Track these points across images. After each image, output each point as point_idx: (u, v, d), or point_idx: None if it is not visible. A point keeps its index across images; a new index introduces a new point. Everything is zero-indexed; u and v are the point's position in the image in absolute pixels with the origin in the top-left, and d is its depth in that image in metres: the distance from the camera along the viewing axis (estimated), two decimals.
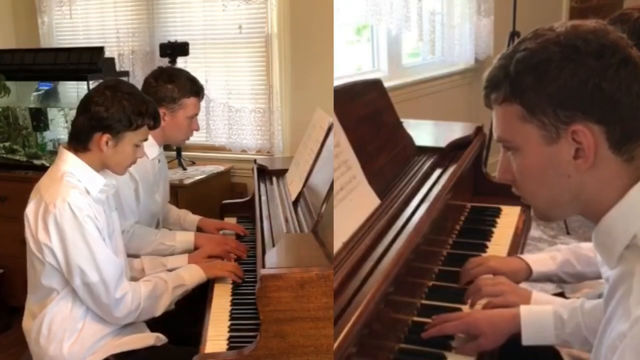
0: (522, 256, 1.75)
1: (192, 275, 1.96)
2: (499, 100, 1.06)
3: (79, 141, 1.80)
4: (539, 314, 1.40)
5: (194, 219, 2.51)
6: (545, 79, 0.99)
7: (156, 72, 2.36)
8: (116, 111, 1.76)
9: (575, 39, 0.99)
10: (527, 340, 1.39)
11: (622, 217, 1.01)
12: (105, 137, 1.77)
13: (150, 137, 2.23)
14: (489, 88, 1.07)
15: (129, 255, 2.10)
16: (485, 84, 1.08)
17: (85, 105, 1.79)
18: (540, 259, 1.72)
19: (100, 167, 1.83)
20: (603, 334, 1.03)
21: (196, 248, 2.24)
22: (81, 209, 1.70)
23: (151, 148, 2.27)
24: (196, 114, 2.36)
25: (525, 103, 1.02)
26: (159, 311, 1.87)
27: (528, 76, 1.01)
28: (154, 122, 1.87)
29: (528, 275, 1.70)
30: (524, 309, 1.41)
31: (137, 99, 1.81)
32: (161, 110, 2.23)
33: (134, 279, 1.92)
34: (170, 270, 2.02)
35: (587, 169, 1.00)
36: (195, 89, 2.32)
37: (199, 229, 2.45)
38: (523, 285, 1.66)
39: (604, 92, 0.97)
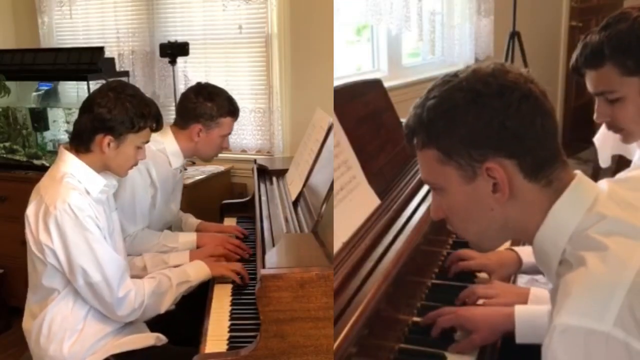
0: (515, 247, 1.75)
1: (197, 271, 1.95)
2: (419, 146, 1.12)
3: (80, 142, 1.80)
4: (534, 312, 1.42)
5: (193, 222, 2.51)
6: (455, 124, 1.05)
7: (196, 88, 2.37)
8: (119, 113, 1.76)
9: (475, 83, 1.06)
10: (520, 338, 1.40)
11: (549, 236, 1.07)
12: (108, 138, 1.77)
13: (177, 148, 2.28)
14: (408, 135, 1.14)
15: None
16: (405, 132, 1.15)
17: (88, 106, 1.79)
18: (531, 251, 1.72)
19: (102, 168, 1.83)
20: None
21: (199, 248, 2.24)
22: (82, 209, 1.70)
23: (176, 158, 2.29)
24: (229, 133, 2.40)
25: (441, 147, 1.08)
26: (163, 308, 1.87)
27: (440, 122, 1.07)
28: (157, 124, 1.87)
29: (518, 266, 1.70)
30: (519, 308, 1.43)
31: (139, 100, 1.81)
32: (197, 126, 2.29)
33: (136, 277, 1.92)
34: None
35: (507, 201, 1.06)
36: (232, 109, 2.36)
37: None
38: (521, 282, 1.66)
39: (509, 129, 1.03)
